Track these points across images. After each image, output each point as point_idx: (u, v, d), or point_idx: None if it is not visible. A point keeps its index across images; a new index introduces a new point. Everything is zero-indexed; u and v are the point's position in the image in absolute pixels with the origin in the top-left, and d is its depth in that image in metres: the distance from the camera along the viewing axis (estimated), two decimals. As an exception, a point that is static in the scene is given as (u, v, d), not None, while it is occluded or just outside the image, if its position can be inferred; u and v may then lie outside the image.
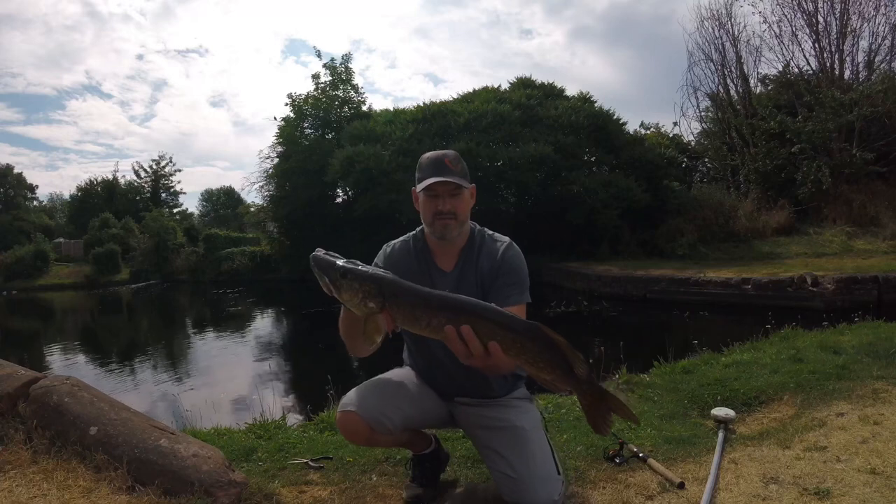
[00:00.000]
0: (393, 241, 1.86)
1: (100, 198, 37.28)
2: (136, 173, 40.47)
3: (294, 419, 3.49)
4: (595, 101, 18.91)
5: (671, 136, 21.91)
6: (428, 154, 1.74)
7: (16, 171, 45.40)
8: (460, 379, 1.79)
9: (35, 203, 47.84)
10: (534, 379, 1.29)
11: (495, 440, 1.71)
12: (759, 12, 18.99)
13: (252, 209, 27.99)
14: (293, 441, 2.50)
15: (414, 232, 1.85)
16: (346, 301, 1.24)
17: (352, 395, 1.73)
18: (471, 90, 20.31)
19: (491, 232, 1.83)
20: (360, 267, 1.26)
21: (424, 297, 1.24)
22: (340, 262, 1.28)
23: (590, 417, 1.30)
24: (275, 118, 24.19)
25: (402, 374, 1.89)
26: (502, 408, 1.78)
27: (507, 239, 1.79)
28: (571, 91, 19.75)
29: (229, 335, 11.62)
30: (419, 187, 1.69)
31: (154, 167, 40.50)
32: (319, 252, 1.29)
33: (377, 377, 1.84)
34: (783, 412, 2.70)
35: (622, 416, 1.29)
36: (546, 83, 19.89)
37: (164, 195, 40.44)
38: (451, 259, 1.78)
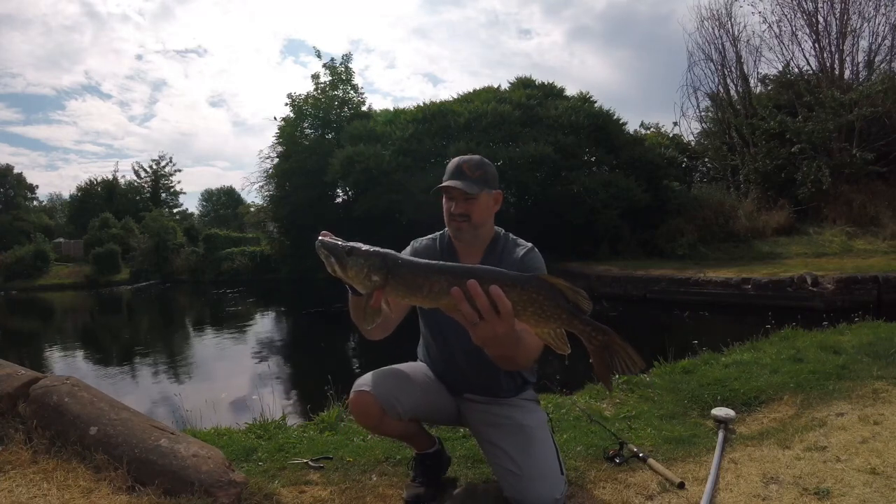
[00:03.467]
0: (420, 238, 1.94)
1: (100, 198, 37.29)
2: (136, 173, 40.56)
3: (294, 419, 3.48)
4: (595, 101, 18.91)
5: (671, 136, 21.90)
6: (455, 158, 1.83)
7: (16, 171, 45.55)
8: (471, 376, 1.85)
9: (35, 203, 47.90)
10: (540, 338, 1.28)
11: (501, 437, 1.74)
12: (759, 12, 19.06)
13: (252, 209, 28.00)
14: (293, 441, 2.50)
15: (442, 231, 1.92)
16: (352, 278, 1.24)
17: (367, 377, 1.79)
18: (470, 90, 20.33)
19: (515, 237, 1.89)
20: (364, 246, 1.28)
21: (425, 264, 1.26)
22: (345, 243, 1.31)
23: (596, 364, 1.27)
24: (275, 118, 24.28)
25: (415, 366, 1.95)
26: (509, 407, 1.83)
27: (529, 244, 1.85)
28: (571, 91, 19.77)
29: (229, 335, 11.61)
30: (433, 190, 1.81)
31: (154, 167, 40.58)
32: (325, 236, 1.32)
33: (391, 365, 1.89)
34: (783, 412, 2.70)
35: (629, 363, 1.25)
36: (546, 83, 19.89)
37: (164, 195, 40.48)
38: (475, 259, 1.83)
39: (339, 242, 1.28)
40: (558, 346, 1.25)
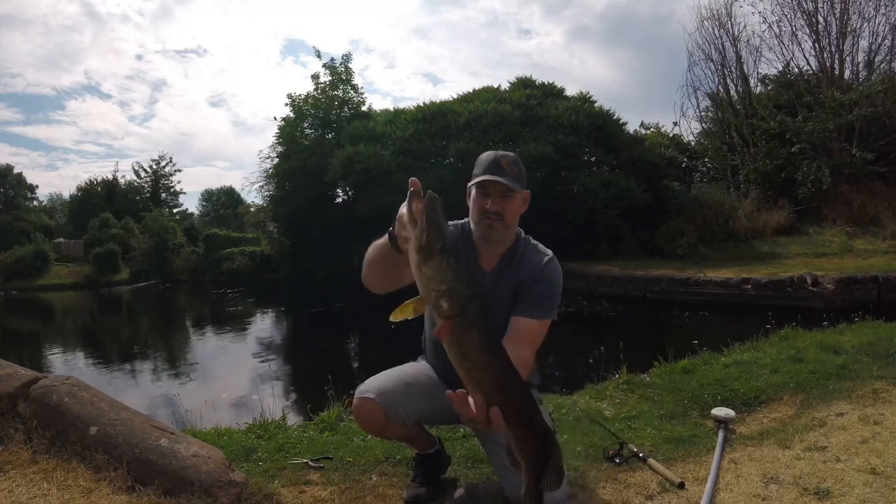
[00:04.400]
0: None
1: (100, 198, 37.26)
2: (136, 173, 40.52)
3: (294, 419, 3.48)
4: (595, 101, 18.92)
5: (671, 136, 21.90)
6: (486, 153, 1.72)
7: (16, 171, 45.45)
8: None
9: (35, 203, 47.85)
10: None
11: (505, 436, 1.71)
12: (759, 12, 19.05)
13: (252, 209, 28.00)
14: (293, 441, 2.49)
15: (460, 222, 1.82)
16: (423, 276, 1.07)
17: (370, 383, 1.76)
18: (470, 90, 20.32)
19: (535, 242, 1.83)
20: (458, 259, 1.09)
21: (489, 348, 1.14)
22: (445, 230, 1.10)
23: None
24: (275, 118, 24.21)
25: (418, 367, 1.91)
26: None
27: (550, 252, 1.80)
28: (571, 91, 19.77)
29: (229, 335, 11.62)
30: (471, 182, 1.68)
31: (154, 167, 40.55)
32: (435, 201, 1.10)
33: (395, 369, 1.86)
34: (783, 412, 2.70)
35: None
36: (546, 83, 19.88)
37: (164, 195, 40.45)
38: (493, 259, 1.77)
39: (444, 226, 1.07)
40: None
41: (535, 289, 1.70)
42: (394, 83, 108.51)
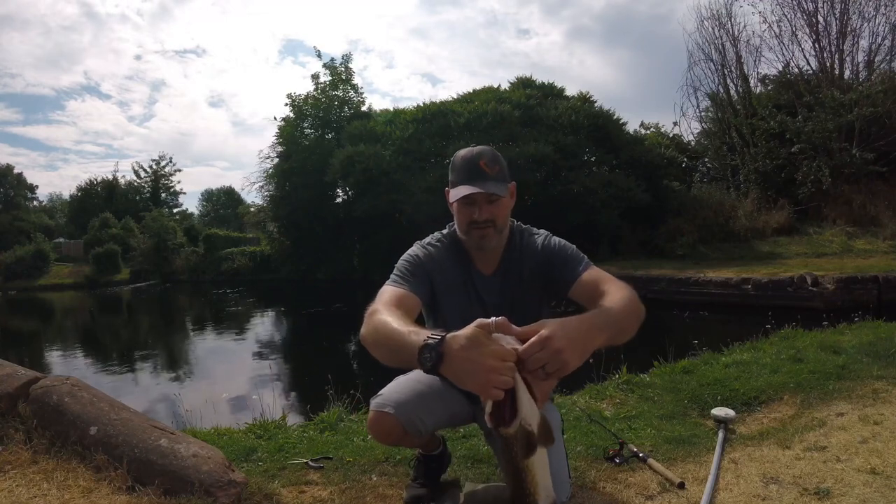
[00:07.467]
0: (426, 241, 1.66)
1: (100, 198, 37.36)
2: (136, 173, 40.65)
3: (294, 419, 3.48)
4: (595, 102, 18.96)
5: (671, 136, 21.92)
6: (462, 152, 1.55)
7: (16, 171, 45.50)
8: None
9: (35, 203, 47.91)
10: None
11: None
12: (759, 12, 19.05)
13: (252, 209, 28.06)
14: (293, 441, 2.49)
15: (444, 231, 1.69)
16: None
17: (387, 395, 1.66)
18: (470, 90, 20.41)
19: (526, 226, 1.70)
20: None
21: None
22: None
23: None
24: (275, 118, 24.29)
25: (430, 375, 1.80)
26: None
27: (544, 231, 1.69)
28: (571, 91, 19.81)
29: (229, 335, 11.62)
30: (452, 195, 1.52)
31: (154, 167, 40.63)
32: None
33: (409, 377, 1.75)
34: (783, 412, 2.70)
35: None
36: (546, 83, 19.95)
37: (164, 195, 40.55)
38: (493, 263, 1.65)
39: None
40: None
41: (555, 261, 1.55)
42: (393, 83, 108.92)
